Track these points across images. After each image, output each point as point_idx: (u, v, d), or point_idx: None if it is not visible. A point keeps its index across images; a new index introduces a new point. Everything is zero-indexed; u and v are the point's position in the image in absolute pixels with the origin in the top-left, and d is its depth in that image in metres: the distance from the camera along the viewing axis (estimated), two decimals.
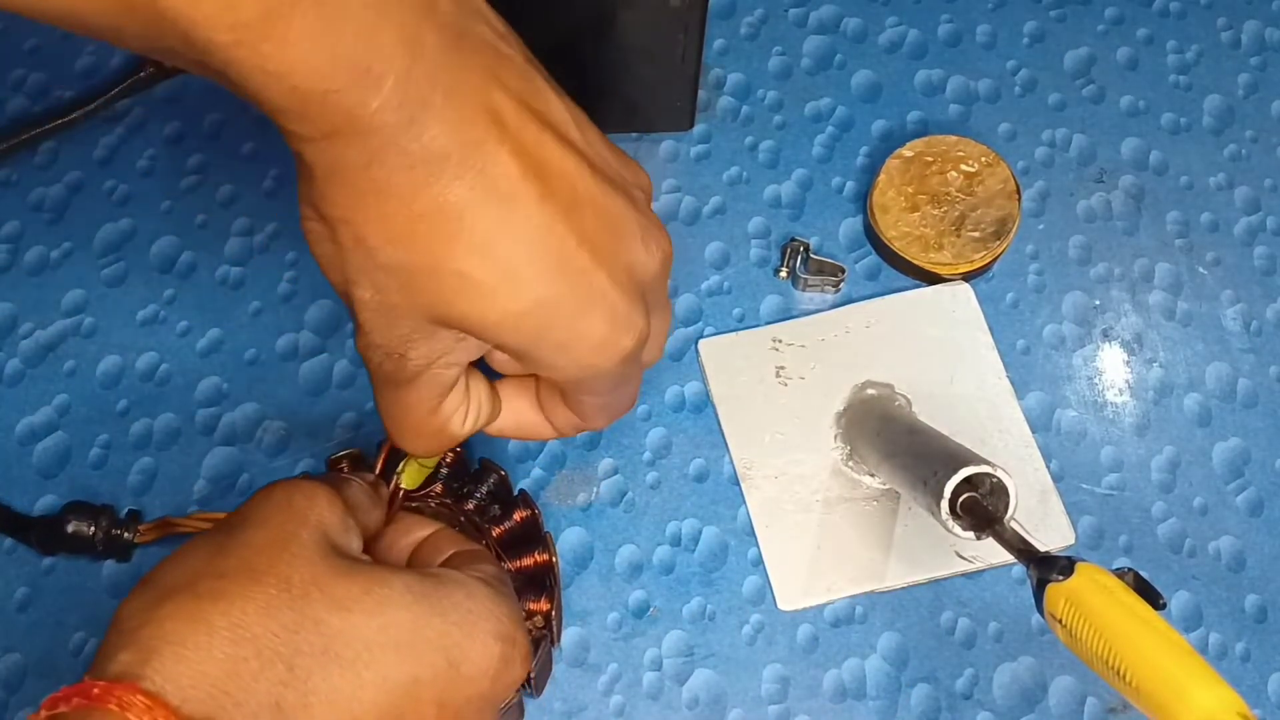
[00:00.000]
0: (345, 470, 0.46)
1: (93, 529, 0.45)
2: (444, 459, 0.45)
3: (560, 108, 0.34)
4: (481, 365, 0.38)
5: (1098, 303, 0.54)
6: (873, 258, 0.54)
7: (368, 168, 0.30)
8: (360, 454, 0.47)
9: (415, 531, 0.40)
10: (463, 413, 0.38)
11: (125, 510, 0.48)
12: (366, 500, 0.38)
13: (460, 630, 0.32)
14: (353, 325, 0.35)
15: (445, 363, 0.35)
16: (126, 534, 0.46)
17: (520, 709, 0.45)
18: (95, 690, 0.27)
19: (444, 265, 0.32)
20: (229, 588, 0.30)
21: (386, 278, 0.32)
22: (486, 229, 0.31)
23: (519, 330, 0.33)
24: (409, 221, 0.31)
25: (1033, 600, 0.37)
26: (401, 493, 0.42)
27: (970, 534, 0.40)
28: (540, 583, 0.45)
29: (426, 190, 0.31)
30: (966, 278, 0.53)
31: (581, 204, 0.33)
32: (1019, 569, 0.47)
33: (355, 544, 0.35)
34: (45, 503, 0.48)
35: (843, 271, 0.52)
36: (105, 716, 0.27)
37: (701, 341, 0.52)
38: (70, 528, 0.46)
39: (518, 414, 0.41)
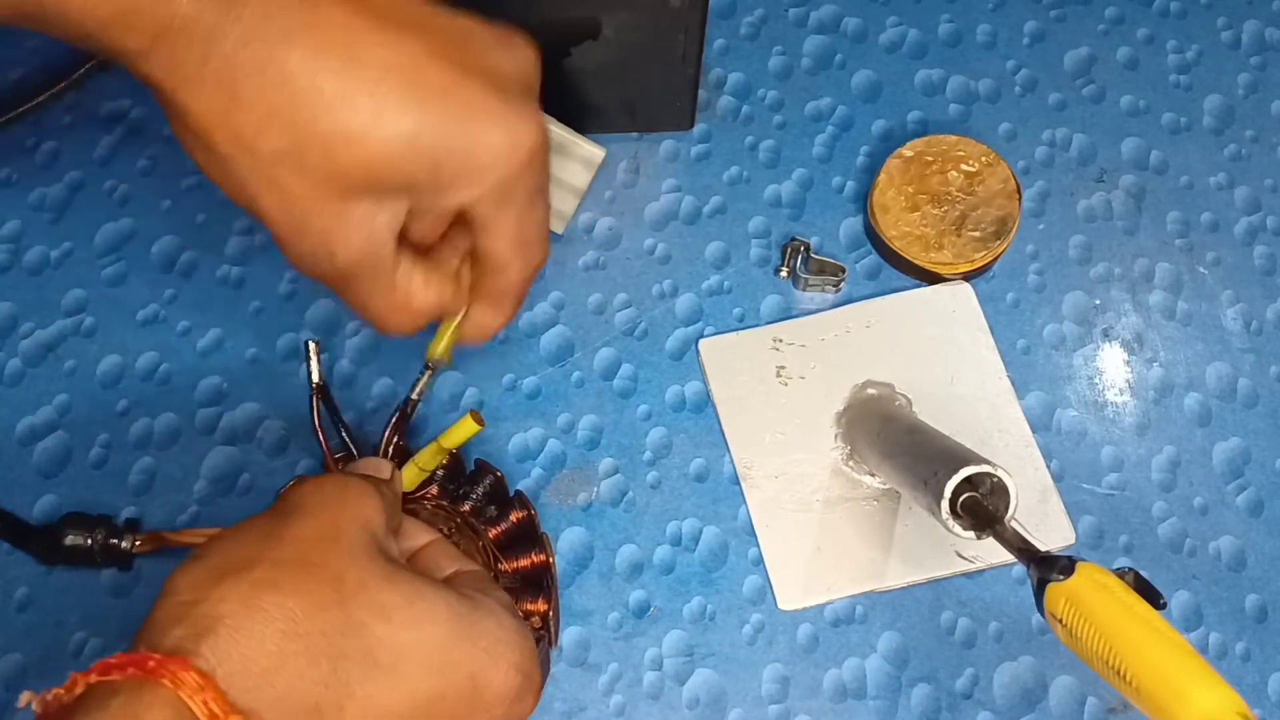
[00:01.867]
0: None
1: (90, 541, 0.45)
2: (441, 462, 0.45)
3: None
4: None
5: (1098, 303, 0.54)
6: (873, 257, 0.54)
7: (206, 62, 0.31)
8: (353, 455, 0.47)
9: (413, 538, 0.40)
10: (420, 279, 0.38)
11: (123, 519, 0.47)
12: (395, 503, 0.38)
13: (488, 656, 0.33)
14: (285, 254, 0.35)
15: (373, 239, 0.35)
16: (124, 544, 0.45)
17: None
18: (151, 663, 0.27)
19: (314, 126, 0.32)
20: (283, 578, 0.30)
21: (276, 169, 0.33)
22: (339, 80, 0.32)
23: (415, 158, 0.33)
24: (267, 102, 0.32)
25: (1033, 600, 0.37)
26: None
27: (970, 534, 0.40)
28: (538, 583, 0.45)
29: (269, 65, 0.31)
30: (967, 277, 0.53)
31: (422, 26, 0.34)
32: (1019, 569, 0.47)
33: (393, 546, 0.35)
34: (45, 502, 0.48)
35: (843, 271, 0.52)
36: (156, 690, 0.27)
37: (702, 341, 0.52)
38: (68, 540, 0.45)
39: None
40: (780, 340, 0.52)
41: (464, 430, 0.42)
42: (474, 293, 0.40)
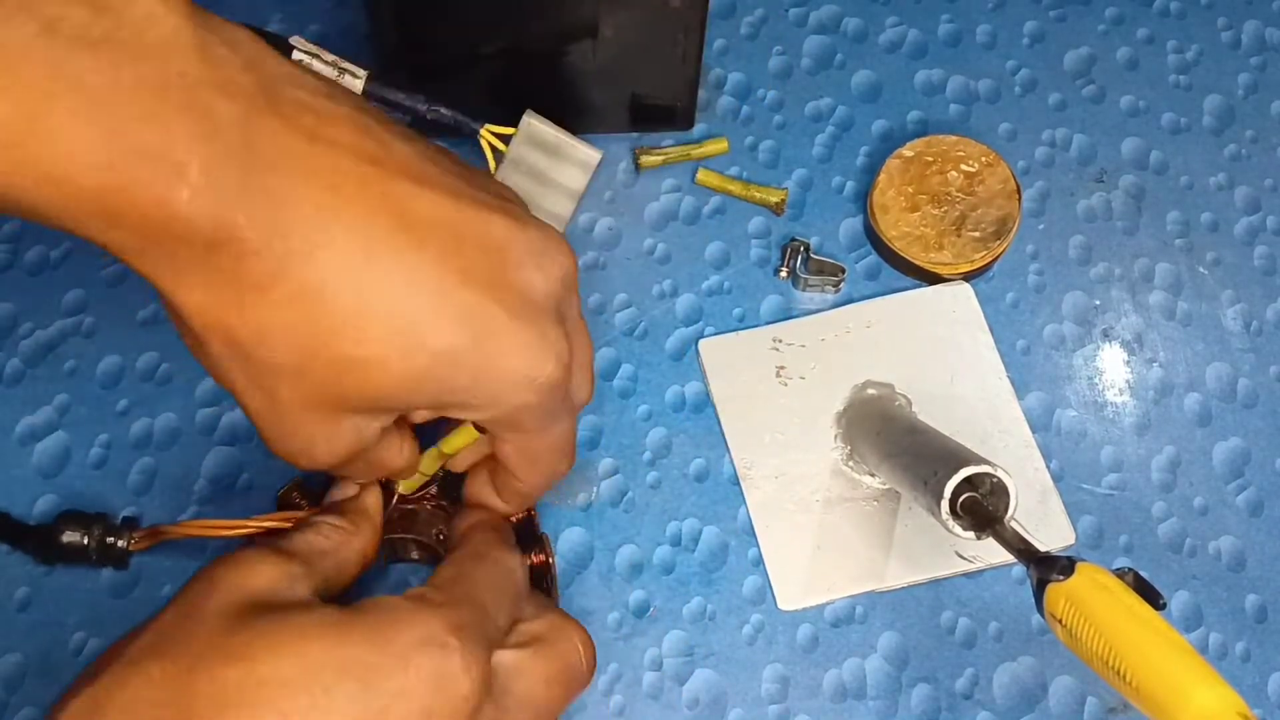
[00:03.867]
0: (296, 498, 0.46)
1: (86, 539, 0.45)
2: (441, 465, 0.45)
3: (405, 150, 0.31)
4: None
5: (1098, 303, 0.54)
6: (873, 258, 0.54)
7: (207, 266, 0.28)
8: (301, 481, 0.47)
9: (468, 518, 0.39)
10: (397, 448, 0.37)
11: (121, 517, 0.47)
12: (333, 539, 0.37)
13: (373, 650, 0.29)
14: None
15: (360, 442, 0.34)
16: (121, 542, 0.45)
17: None
18: None
19: (323, 350, 0.30)
20: (127, 671, 0.29)
21: (269, 378, 0.31)
22: (355, 298, 0.29)
23: (422, 388, 0.31)
24: (271, 313, 0.29)
25: (1033, 600, 0.37)
26: (396, 497, 0.42)
27: (970, 534, 0.40)
28: (537, 583, 0.45)
29: (280, 276, 0.29)
30: (967, 278, 0.53)
31: (456, 239, 0.31)
32: (1019, 569, 0.47)
33: (301, 591, 0.33)
34: (45, 502, 0.48)
35: (843, 271, 0.52)
36: None
37: (702, 341, 0.52)
38: (64, 538, 0.45)
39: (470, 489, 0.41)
40: (780, 340, 0.52)
41: (463, 437, 0.42)
42: (492, 470, 0.40)
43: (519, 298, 0.32)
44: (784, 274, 0.53)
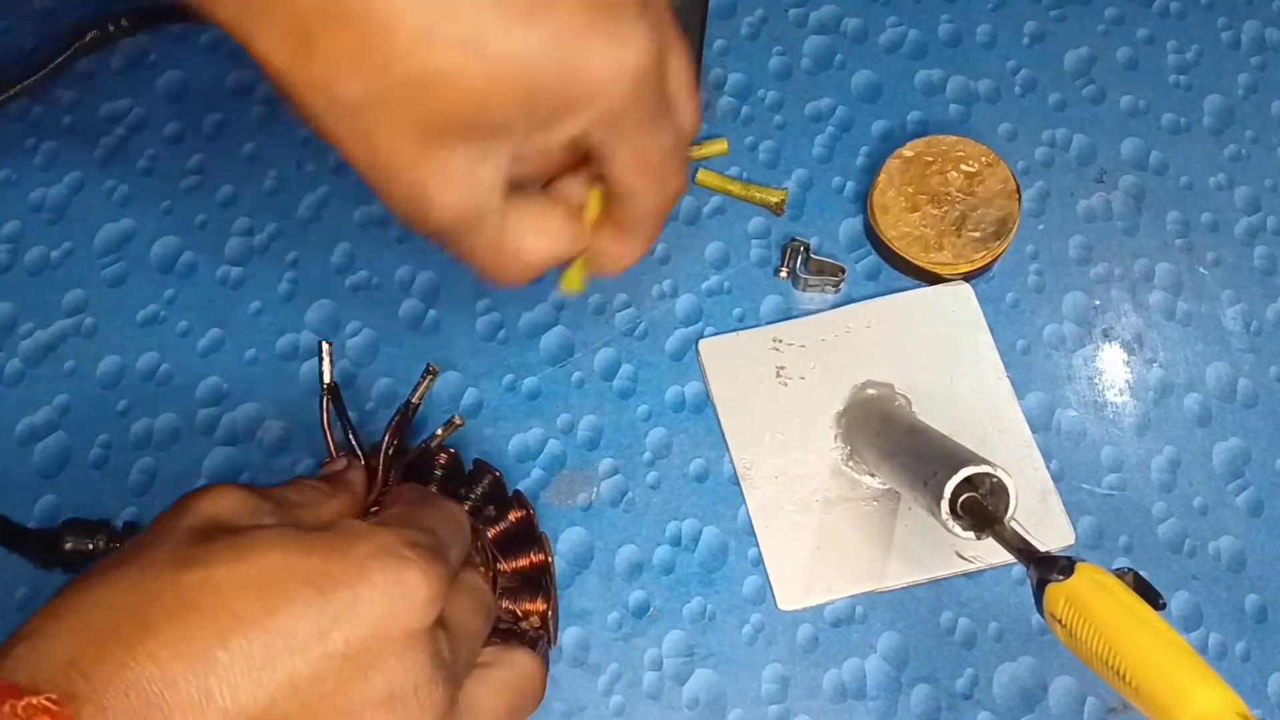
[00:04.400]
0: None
1: (91, 546, 0.45)
2: (438, 459, 0.45)
3: None
4: None
5: (1098, 303, 0.54)
6: (873, 258, 0.54)
7: (271, 10, 0.29)
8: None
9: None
10: (533, 230, 0.35)
11: (122, 522, 0.47)
12: (307, 495, 0.37)
13: (330, 560, 0.30)
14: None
15: (475, 193, 0.32)
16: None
17: None
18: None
19: (392, 72, 0.29)
20: (92, 580, 0.30)
21: (359, 118, 0.30)
22: (416, 15, 0.29)
23: (505, 95, 0.30)
24: (341, 43, 0.29)
25: (1033, 600, 0.37)
26: (394, 477, 0.42)
27: (970, 534, 0.40)
28: (537, 583, 0.45)
29: (335, 6, 0.28)
30: (966, 278, 0.53)
31: None
32: (1019, 569, 0.47)
33: (266, 523, 0.33)
34: (45, 503, 0.48)
35: (843, 271, 0.52)
36: None
37: (702, 341, 0.52)
38: (69, 545, 0.45)
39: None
40: (780, 340, 0.52)
41: (597, 203, 0.38)
42: (606, 220, 0.37)
43: None
44: (784, 274, 0.53)
